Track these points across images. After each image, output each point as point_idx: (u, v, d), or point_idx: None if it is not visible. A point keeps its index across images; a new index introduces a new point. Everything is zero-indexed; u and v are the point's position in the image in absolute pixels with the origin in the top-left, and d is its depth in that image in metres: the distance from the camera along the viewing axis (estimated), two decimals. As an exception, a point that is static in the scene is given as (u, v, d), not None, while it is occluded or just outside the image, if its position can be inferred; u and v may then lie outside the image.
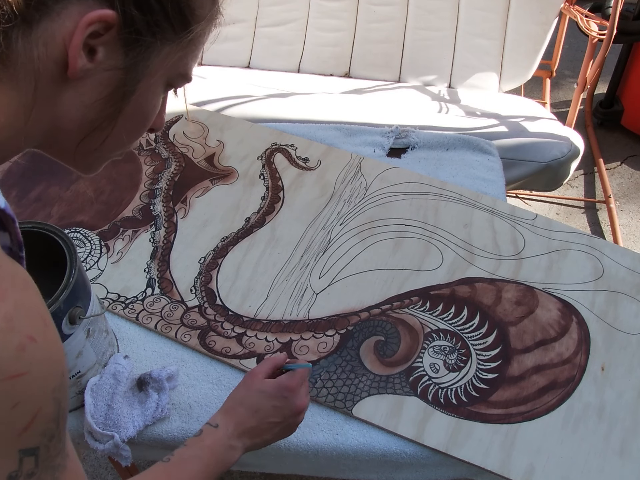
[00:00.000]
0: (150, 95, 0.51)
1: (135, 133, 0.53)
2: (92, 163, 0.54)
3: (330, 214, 1.08)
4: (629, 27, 1.89)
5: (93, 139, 0.49)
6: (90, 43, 0.43)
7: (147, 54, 0.46)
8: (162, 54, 0.47)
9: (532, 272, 0.99)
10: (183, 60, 0.51)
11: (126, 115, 0.49)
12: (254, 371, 0.73)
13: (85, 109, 0.46)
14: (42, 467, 0.41)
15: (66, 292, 0.67)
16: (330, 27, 1.76)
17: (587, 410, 0.84)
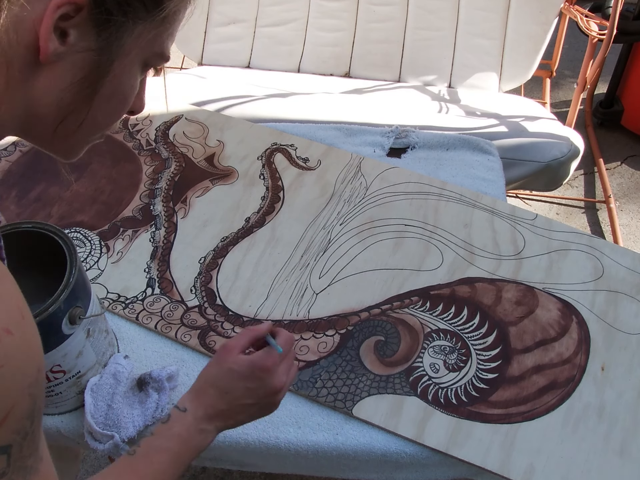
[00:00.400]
0: (127, 75, 0.50)
1: (114, 115, 0.53)
2: (72, 147, 0.54)
3: (330, 214, 1.08)
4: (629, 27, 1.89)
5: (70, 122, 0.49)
6: (61, 26, 0.43)
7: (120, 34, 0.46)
8: (135, 33, 0.47)
9: (532, 272, 0.99)
10: (158, 38, 0.50)
11: (103, 97, 0.49)
12: (227, 345, 0.65)
13: (60, 92, 0.46)
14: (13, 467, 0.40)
15: (66, 292, 0.67)
16: (330, 27, 1.76)
17: (587, 410, 0.84)
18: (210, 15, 1.78)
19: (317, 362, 0.87)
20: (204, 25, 1.78)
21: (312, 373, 0.86)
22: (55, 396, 0.77)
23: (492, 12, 1.68)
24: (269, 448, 0.80)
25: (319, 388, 0.84)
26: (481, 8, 1.68)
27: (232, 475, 1.42)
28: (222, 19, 1.77)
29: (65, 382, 0.76)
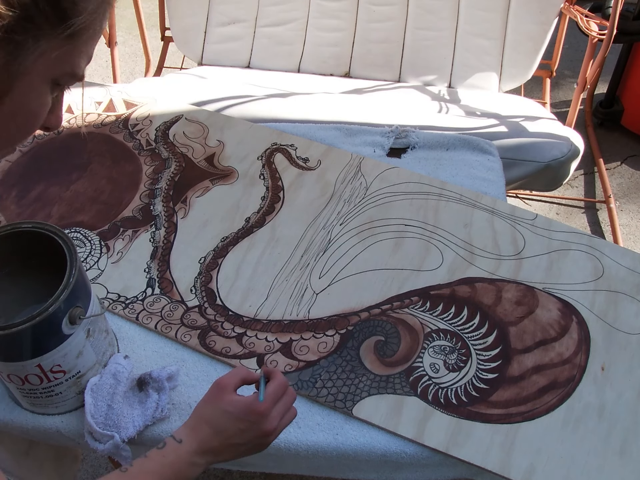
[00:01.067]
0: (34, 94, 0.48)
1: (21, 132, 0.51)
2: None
3: (330, 214, 1.08)
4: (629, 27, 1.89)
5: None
6: None
7: (21, 52, 0.44)
8: (39, 51, 0.45)
9: (532, 272, 0.99)
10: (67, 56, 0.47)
11: (6, 115, 0.47)
12: (221, 383, 0.68)
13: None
14: None
15: (66, 292, 0.67)
16: (330, 27, 1.76)
17: (587, 410, 0.84)
18: (210, 15, 1.77)
19: (317, 362, 0.87)
20: (204, 25, 1.78)
21: (312, 373, 0.86)
22: (55, 396, 0.77)
23: (492, 12, 1.68)
24: (269, 448, 0.80)
25: (319, 388, 0.84)
26: (481, 8, 1.68)
27: (232, 475, 1.42)
28: (222, 19, 1.77)
29: (65, 382, 0.76)
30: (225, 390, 0.68)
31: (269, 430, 0.67)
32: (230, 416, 0.66)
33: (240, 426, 0.66)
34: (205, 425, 0.66)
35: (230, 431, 0.66)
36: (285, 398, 0.69)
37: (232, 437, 0.66)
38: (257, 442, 0.68)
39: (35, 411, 0.82)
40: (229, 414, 0.66)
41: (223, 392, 0.68)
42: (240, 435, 0.66)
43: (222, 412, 0.66)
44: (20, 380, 0.72)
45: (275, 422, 0.67)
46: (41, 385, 0.74)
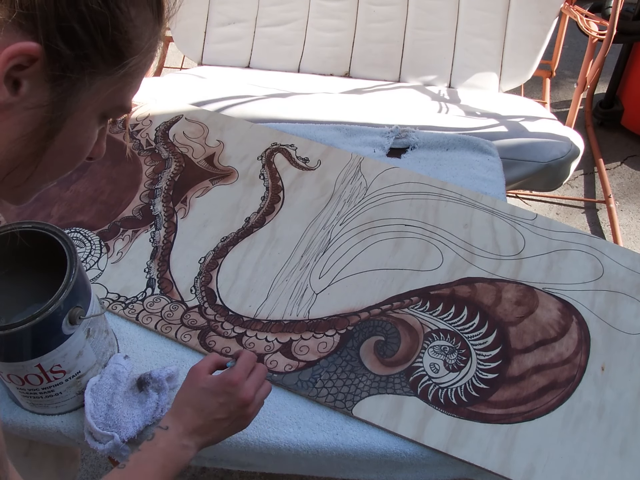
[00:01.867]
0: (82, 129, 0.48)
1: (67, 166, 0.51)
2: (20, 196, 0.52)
3: (330, 214, 1.08)
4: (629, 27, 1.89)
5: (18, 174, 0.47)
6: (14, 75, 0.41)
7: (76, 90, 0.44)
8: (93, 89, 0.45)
9: (532, 272, 0.99)
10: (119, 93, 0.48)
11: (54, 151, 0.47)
12: (196, 367, 0.73)
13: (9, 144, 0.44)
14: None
15: (66, 292, 0.67)
16: (330, 27, 1.76)
17: (587, 410, 0.84)
18: (210, 15, 1.77)
19: (317, 362, 0.87)
20: (204, 25, 1.78)
21: (312, 373, 0.86)
22: (55, 396, 0.77)
23: (492, 12, 1.68)
24: (269, 448, 0.80)
25: (319, 388, 0.84)
26: (481, 8, 1.68)
27: (232, 475, 1.42)
28: (222, 19, 1.77)
29: (65, 382, 0.76)
30: (200, 372, 0.72)
31: (246, 398, 0.70)
32: (207, 392, 0.70)
33: (219, 400, 0.69)
34: (186, 407, 0.70)
35: (211, 407, 0.69)
36: (256, 370, 0.74)
37: (213, 412, 0.69)
38: (239, 413, 0.70)
39: (35, 411, 0.82)
40: (205, 391, 0.70)
41: (198, 375, 0.71)
42: (220, 409, 0.69)
43: (199, 391, 0.70)
44: (20, 380, 0.72)
45: (252, 392, 0.71)
46: (41, 385, 0.74)
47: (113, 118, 0.51)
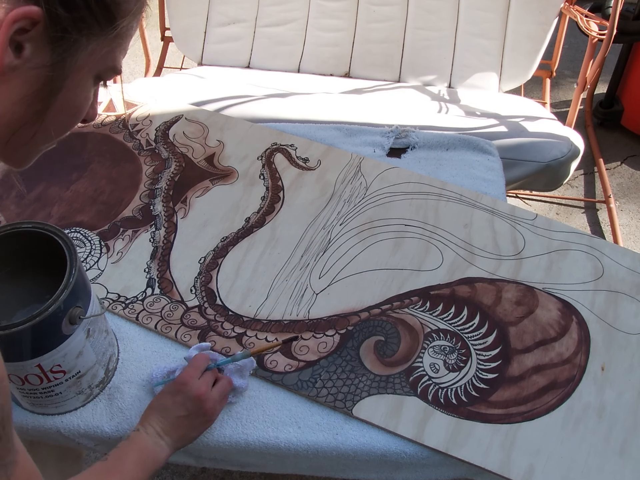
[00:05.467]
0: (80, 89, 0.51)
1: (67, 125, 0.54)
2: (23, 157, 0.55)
3: (330, 214, 1.08)
4: (629, 27, 1.89)
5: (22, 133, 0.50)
6: (17, 39, 0.44)
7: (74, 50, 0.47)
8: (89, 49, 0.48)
9: (532, 272, 0.99)
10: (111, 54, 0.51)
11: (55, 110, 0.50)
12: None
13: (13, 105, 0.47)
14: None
15: (66, 292, 0.67)
16: (330, 27, 1.76)
17: (587, 410, 0.84)
18: (210, 15, 1.77)
19: (317, 362, 0.87)
20: (204, 25, 1.78)
21: (312, 373, 0.86)
22: (55, 396, 0.77)
23: (492, 12, 1.68)
24: (269, 448, 0.80)
25: (319, 388, 0.84)
26: (481, 8, 1.68)
27: (232, 475, 1.42)
28: (222, 19, 1.77)
29: (65, 382, 0.76)
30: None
31: (199, 394, 0.75)
32: (166, 395, 0.76)
33: (175, 399, 0.75)
34: (151, 411, 0.76)
35: (171, 407, 0.75)
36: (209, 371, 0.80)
37: (173, 411, 0.75)
38: (196, 408, 0.75)
39: (35, 411, 0.82)
40: (165, 393, 0.77)
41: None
42: (179, 407, 0.75)
43: (159, 395, 0.77)
44: (20, 380, 0.72)
45: (204, 387, 0.76)
46: (41, 385, 0.74)
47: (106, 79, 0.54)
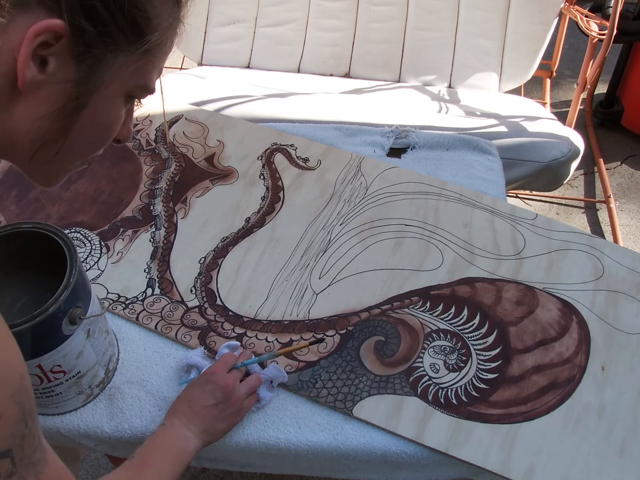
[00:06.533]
0: (109, 107, 0.50)
1: (96, 145, 0.53)
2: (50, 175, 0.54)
3: (330, 214, 1.08)
4: (629, 27, 1.89)
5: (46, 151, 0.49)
6: (41, 53, 0.43)
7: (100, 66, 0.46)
8: (116, 65, 0.47)
9: (532, 272, 0.99)
10: (141, 71, 0.50)
11: (82, 127, 0.49)
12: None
13: (37, 121, 0.46)
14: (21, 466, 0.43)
15: (66, 292, 0.67)
16: (330, 27, 1.76)
17: (587, 410, 0.84)
18: (210, 15, 1.77)
19: (317, 363, 0.87)
20: (204, 25, 1.78)
21: (312, 373, 0.86)
22: (55, 396, 0.77)
23: (492, 12, 1.68)
24: (269, 448, 0.80)
25: (319, 388, 0.84)
26: (481, 8, 1.68)
27: (232, 475, 1.42)
28: (222, 19, 1.77)
29: (65, 382, 0.76)
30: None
31: (227, 384, 0.77)
32: (194, 386, 0.78)
33: (204, 388, 0.76)
34: (178, 402, 0.77)
35: (199, 396, 0.76)
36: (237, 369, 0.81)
37: (201, 400, 0.75)
38: (224, 400, 0.76)
39: (35, 411, 0.81)
40: (193, 385, 0.78)
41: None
42: (207, 396, 0.76)
43: (188, 387, 0.78)
44: (20, 380, 0.72)
45: (231, 380, 0.78)
46: (41, 386, 0.74)
47: (138, 98, 0.53)
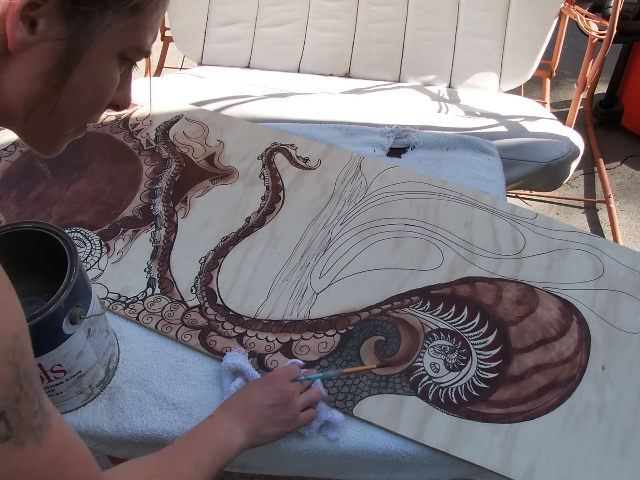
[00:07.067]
0: (102, 67, 0.50)
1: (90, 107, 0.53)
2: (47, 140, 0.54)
3: (330, 213, 1.08)
4: (629, 27, 1.90)
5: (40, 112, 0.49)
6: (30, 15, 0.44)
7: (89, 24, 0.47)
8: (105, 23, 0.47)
9: (533, 272, 0.99)
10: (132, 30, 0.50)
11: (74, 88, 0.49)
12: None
13: (29, 82, 0.47)
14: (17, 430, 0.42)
15: (67, 292, 0.67)
16: (330, 27, 1.76)
17: (587, 410, 0.84)
18: (210, 15, 1.77)
19: (317, 362, 0.87)
20: (204, 25, 1.78)
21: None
22: (55, 396, 0.77)
23: (492, 12, 1.68)
24: (269, 448, 0.80)
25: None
26: (481, 8, 1.68)
27: (232, 476, 1.42)
28: (222, 19, 1.77)
29: (66, 381, 0.76)
30: None
31: (287, 389, 0.76)
32: (254, 383, 0.78)
33: (262, 388, 0.76)
34: (234, 397, 0.77)
35: (256, 395, 0.75)
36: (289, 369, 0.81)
37: (258, 400, 0.75)
38: (281, 404, 0.75)
39: (35, 411, 0.81)
40: (254, 383, 0.78)
41: None
42: (264, 396, 0.75)
43: (250, 384, 0.79)
44: (21, 380, 0.72)
45: (292, 388, 0.77)
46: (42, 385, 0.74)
47: (133, 60, 0.53)
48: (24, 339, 0.43)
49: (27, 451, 0.43)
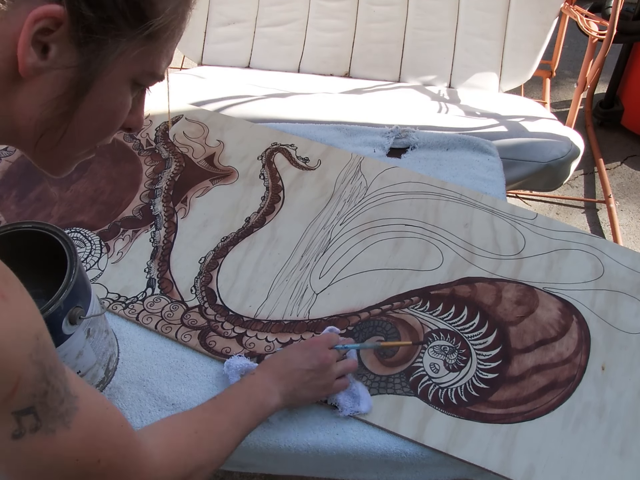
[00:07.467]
0: (113, 93, 0.50)
1: (102, 132, 0.53)
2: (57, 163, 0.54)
3: (330, 213, 1.08)
4: (629, 27, 1.89)
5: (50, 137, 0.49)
6: (41, 40, 0.43)
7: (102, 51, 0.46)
8: (118, 51, 0.46)
9: (533, 272, 0.99)
10: (147, 57, 0.49)
11: (86, 114, 0.49)
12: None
13: (40, 107, 0.47)
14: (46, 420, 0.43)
15: (66, 292, 0.67)
16: (330, 27, 1.76)
17: (587, 410, 0.84)
18: (210, 15, 1.78)
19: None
20: (204, 25, 1.78)
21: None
22: (55, 396, 0.77)
23: (492, 12, 1.68)
24: (269, 448, 0.80)
25: (319, 388, 0.84)
26: (481, 8, 1.68)
27: (232, 475, 1.42)
28: (222, 19, 1.77)
29: (66, 382, 0.76)
30: None
31: (327, 356, 0.78)
32: (295, 346, 0.81)
33: (302, 352, 0.79)
34: (275, 358, 0.79)
35: (296, 357, 0.78)
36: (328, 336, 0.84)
37: (297, 362, 0.77)
38: (319, 369, 0.77)
39: (35, 411, 0.81)
40: (294, 347, 0.81)
41: None
42: (304, 360, 0.77)
43: (289, 347, 0.81)
44: (20, 380, 0.72)
45: (331, 355, 0.79)
46: (41, 385, 0.74)
47: (146, 85, 0.53)
48: (44, 335, 0.44)
49: (59, 437, 0.44)
